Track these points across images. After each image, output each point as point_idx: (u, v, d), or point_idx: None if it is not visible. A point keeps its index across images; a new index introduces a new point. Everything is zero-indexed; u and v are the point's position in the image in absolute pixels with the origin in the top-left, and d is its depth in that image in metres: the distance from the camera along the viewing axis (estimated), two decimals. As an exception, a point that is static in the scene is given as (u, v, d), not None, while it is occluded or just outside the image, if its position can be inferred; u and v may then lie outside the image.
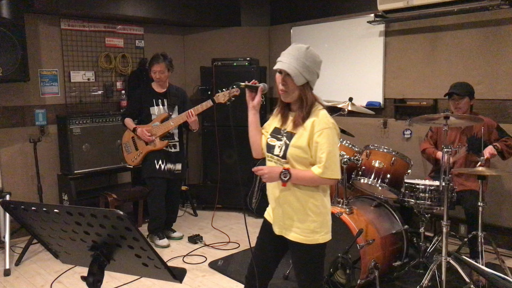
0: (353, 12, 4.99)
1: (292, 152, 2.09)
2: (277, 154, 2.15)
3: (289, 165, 2.11)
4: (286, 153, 2.11)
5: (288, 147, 2.10)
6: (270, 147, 2.20)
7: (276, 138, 2.18)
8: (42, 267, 3.85)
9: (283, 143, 2.14)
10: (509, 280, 1.36)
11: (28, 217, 1.54)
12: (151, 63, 4.16)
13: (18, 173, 4.60)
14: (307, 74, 2.06)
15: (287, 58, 2.05)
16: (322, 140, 2.04)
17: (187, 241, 4.41)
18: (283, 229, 2.21)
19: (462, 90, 3.62)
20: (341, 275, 3.04)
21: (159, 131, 4.13)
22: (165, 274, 1.50)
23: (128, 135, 4.27)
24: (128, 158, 4.27)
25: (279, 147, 2.14)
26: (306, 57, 2.05)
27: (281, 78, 2.09)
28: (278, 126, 2.21)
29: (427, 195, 3.32)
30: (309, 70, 2.06)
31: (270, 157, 2.21)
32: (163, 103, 4.23)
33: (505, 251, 4.02)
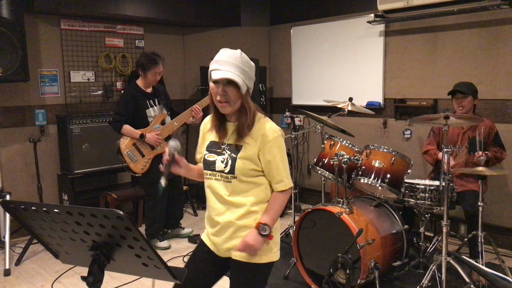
0: (353, 12, 4.99)
1: (241, 165, 1.91)
2: (221, 169, 1.94)
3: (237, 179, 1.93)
4: (234, 167, 1.91)
5: (236, 160, 1.91)
6: (209, 163, 1.98)
7: (215, 152, 1.98)
8: (42, 267, 3.85)
9: (227, 157, 1.94)
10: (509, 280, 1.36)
11: (28, 217, 1.54)
12: (151, 66, 3.98)
13: (18, 173, 4.60)
14: (248, 81, 1.90)
15: (226, 66, 1.85)
16: (274, 152, 1.92)
17: (187, 241, 4.41)
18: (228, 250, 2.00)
19: (465, 88, 3.63)
20: (341, 275, 3.04)
21: (165, 133, 4.06)
22: (165, 274, 1.50)
23: (128, 143, 3.99)
24: (135, 168, 4.00)
25: (222, 162, 1.94)
26: (243, 63, 1.88)
27: (221, 89, 1.87)
28: (214, 140, 2.01)
29: (427, 195, 3.32)
30: (248, 76, 1.90)
31: (210, 174, 1.99)
32: (155, 104, 4.13)
33: (505, 251, 4.01)
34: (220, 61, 1.88)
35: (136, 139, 3.99)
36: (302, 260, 3.40)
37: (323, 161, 3.70)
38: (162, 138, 4.03)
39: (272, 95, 6.03)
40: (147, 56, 4.07)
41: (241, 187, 1.95)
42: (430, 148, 3.91)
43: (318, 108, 4.97)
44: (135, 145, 4.02)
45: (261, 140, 1.92)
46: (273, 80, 6.01)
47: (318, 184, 5.19)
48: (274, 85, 6.03)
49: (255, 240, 1.90)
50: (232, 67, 1.85)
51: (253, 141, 1.93)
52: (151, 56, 4.04)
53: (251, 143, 1.93)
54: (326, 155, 3.70)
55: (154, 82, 4.10)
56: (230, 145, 1.97)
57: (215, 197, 2.00)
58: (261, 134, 1.93)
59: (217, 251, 2.04)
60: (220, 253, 2.03)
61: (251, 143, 1.93)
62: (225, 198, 1.96)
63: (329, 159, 3.61)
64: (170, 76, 5.66)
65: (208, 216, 2.06)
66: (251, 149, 1.93)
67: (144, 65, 4.01)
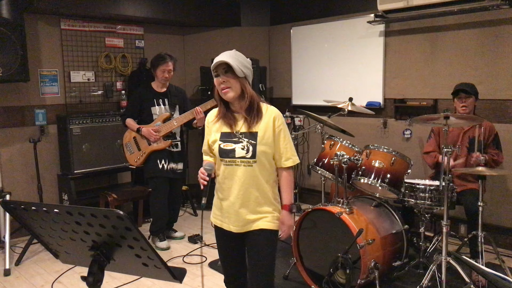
0: (353, 12, 4.99)
1: (262, 149, 2.19)
2: (242, 155, 2.19)
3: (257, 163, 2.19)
4: (255, 152, 2.18)
5: (257, 146, 2.18)
6: (228, 152, 2.21)
7: (232, 141, 2.21)
8: (42, 267, 3.85)
9: (246, 143, 2.19)
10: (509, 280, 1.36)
11: (28, 217, 1.54)
12: (159, 63, 4.10)
13: (18, 173, 4.60)
14: (243, 68, 2.18)
15: (221, 57, 2.16)
16: (286, 132, 2.26)
17: (187, 241, 4.41)
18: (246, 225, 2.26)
19: (469, 89, 3.64)
20: (341, 275, 3.04)
21: (163, 131, 4.12)
22: (165, 274, 1.50)
23: (129, 135, 4.23)
24: (130, 159, 4.23)
25: (243, 148, 2.19)
26: (238, 55, 2.20)
27: (221, 78, 2.17)
28: (227, 131, 2.24)
29: (427, 195, 3.32)
30: (243, 64, 2.18)
31: (229, 161, 2.22)
32: (164, 103, 4.21)
33: (505, 251, 4.02)
34: (217, 57, 2.19)
35: (135, 132, 4.17)
36: (302, 260, 3.40)
37: (323, 161, 3.70)
38: (158, 135, 4.10)
39: (272, 95, 6.03)
40: (158, 55, 4.21)
41: (259, 168, 2.21)
42: (431, 150, 3.90)
43: (318, 108, 4.97)
44: (135, 138, 4.21)
45: (272, 125, 2.22)
46: (273, 80, 6.01)
47: (318, 184, 5.19)
48: (274, 85, 6.03)
49: (290, 220, 2.30)
50: (226, 57, 2.16)
51: (266, 126, 2.21)
52: (162, 54, 4.17)
53: (264, 129, 2.21)
54: (326, 155, 3.70)
55: (163, 79, 4.17)
56: (244, 133, 2.21)
57: (234, 180, 2.23)
58: (271, 119, 2.22)
59: (235, 229, 2.28)
60: (242, 230, 2.27)
61: (264, 129, 2.21)
62: (247, 180, 2.21)
63: (329, 159, 3.61)
64: (170, 76, 5.66)
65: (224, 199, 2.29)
66: (267, 134, 2.20)
67: (153, 63, 4.17)
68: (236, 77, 2.16)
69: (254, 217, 2.25)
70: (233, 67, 2.13)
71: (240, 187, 2.22)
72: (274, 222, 2.27)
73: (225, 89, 2.16)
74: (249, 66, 2.23)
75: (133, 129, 4.17)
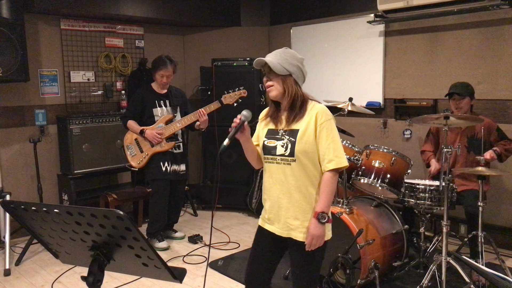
0: (353, 12, 4.99)
1: (301, 147, 2.09)
2: (281, 153, 2.13)
3: (296, 163, 2.10)
4: (293, 150, 2.10)
5: (295, 144, 2.10)
6: (270, 149, 2.18)
7: (275, 138, 2.18)
8: (42, 267, 3.85)
9: (287, 141, 2.13)
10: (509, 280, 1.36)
11: (28, 217, 1.54)
12: (158, 67, 4.06)
13: (18, 173, 4.60)
14: (287, 65, 2.13)
15: (267, 57, 2.16)
16: (329, 130, 2.11)
17: (187, 241, 4.41)
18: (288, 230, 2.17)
19: (463, 90, 3.62)
20: (341, 275, 3.04)
21: (166, 133, 4.10)
22: (165, 274, 1.50)
23: (130, 137, 4.17)
24: (133, 161, 4.15)
25: (283, 146, 2.14)
26: (285, 52, 2.17)
27: (266, 77, 2.17)
28: (272, 128, 2.22)
29: (427, 195, 3.32)
30: (288, 61, 2.14)
31: (271, 159, 2.18)
32: (165, 104, 4.20)
33: (505, 251, 4.01)
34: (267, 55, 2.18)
35: (138, 134, 4.12)
36: (302, 260, 3.40)
37: (323, 161, 3.70)
38: (162, 137, 4.07)
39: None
40: (160, 57, 4.15)
41: (299, 169, 2.11)
42: (426, 149, 3.92)
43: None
44: (137, 140, 4.16)
45: (314, 122, 2.12)
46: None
47: (318, 184, 5.18)
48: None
49: (318, 230, 2.06)
50: (268, 55, 2.17)
51: (307, 124, 2.12)
52: (163, 58, 4.11)
53: (306, 126, 2.12)
54: (326, 155, 3.69)
55: (161, 84, 4.15)
56: (286, 130, 2.16)
57: (275, 178, 2.17)
58: (314, 117, 2.13)
59: (277, 231, 2.19)
60: (282, 233, 2.18)
61: (306, 126, 2.12)
62: (288, 179, 2.13)
63: (329, 159, 3.60)
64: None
65: (267, 199, 2.23)
66: (308, 132, 2.11)
67: (153, 66, 4.14)
68: (278, 76, 2.13)
69: (297, 223, 2.13)
70: (271, 66, 2.11)
71: (280, 187, 2.15)
72: None
73: (268, 88, 2.17)
74: (298, 63, 2.18)
75: (135, 131, 4.11)
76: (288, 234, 2.16)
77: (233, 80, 4.29)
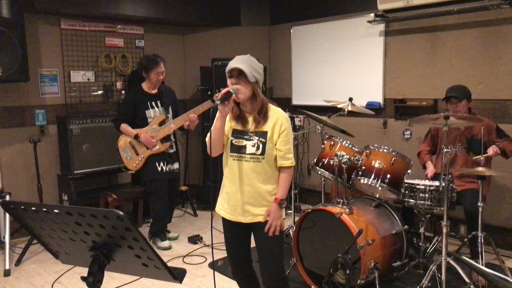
0: (353, 12, 4.99)
1: (270, 147, 2.40)
2: (252, 152, 2.40)
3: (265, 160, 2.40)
4: (265, 149, 2.39)
5: (266, 145, 2.39)
6: (239, 148, 2.43)
7: (243, 138, 2.43)
8: (42, 267, 3.85)
9: (257, 142, 2.40)
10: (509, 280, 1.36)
11: (28, 217, 1.54)
12: (153, 66, 4.08)
13: (18, 173, 4.60)
14: (256, 73, 2.36)
15: (235, 63, 2.34)
16: (289, 135, 2.42)
17: (187, 241, 4.41)
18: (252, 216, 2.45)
19: (459, 93, 3.60)
20: (341, 275, 3.03)
21: (161, 134, 4.12)
22: (165, 275, 1.50)
23: (124, 140, 4.16)
24: (129, 164, 4.15)
25: (254, 146, 2.40)
26: (250, 60, 2.38)
27: (234, 79, 2.35)
28: (239, 128, 2.44)
29: (427, 195, 3.32)
30: (255, 70, 2.37)
31: (238, 157, 2.43)
32: (157, 105, 4.20)
33: (505, 251, 4.01)
34: (231, 61, 2.38)
35: (132, 139, 4.13)
36: (302, 261, 3.40)
37: (323, 161, 3.70)
38: (156, 140, 4.09)
39: (272, 95, 6.03)
40: (148, 57, 4.19)
41: (266, 165, 2.42)
42: (422, 150, 3.91)
43: (318, 108, 4.97)
44: (131, 144, 4.16)
45: (279, 126, 2.40)
46: (273, 80, 6.01)
47: (318, 184, 5.18)
48: (274, 85, 6.03)
49: (278, 212, 2.42)
50: (239, 61, 2.35)
51: (273, 126, 2.40)
52: (152, 57, 4.15)
53: (272, 128, 2.40)
54: (326, 155, 3.70)
55: (157, 82, 4.17)
56: (256, 132, 2.41)
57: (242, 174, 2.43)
58: (278, 120, 2.41)
59: (243, 219, 2.46)
60: (246, 220, 2.46)
61: (272, 128, 2.40)
62: (254, 174, 2.41)
63: (329, 160, 3.61)
64: (170, 76, 5.65)
65: (230, 192, 2.48)
66: (274, 134, 2.40)
67: (146, 67, 4.12)
68: (248, 82, 2.33)
69: (261, 209, 2.44)
70: (245, 74, 2.31)
71: (248, 181, 2.42)
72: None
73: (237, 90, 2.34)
74: (261, 71, 2.41)
75: (129, 135, 4.11)
76: (251, 219, 2.45)
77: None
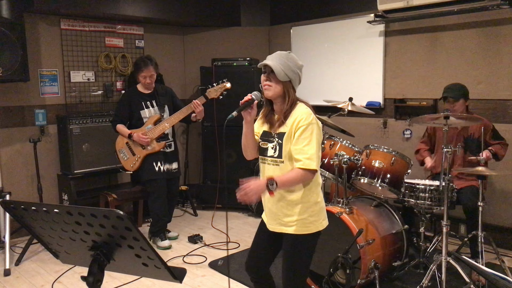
0: (353, 12, 4.99)
1: (286, 149, 2.23)
2: (271, 155, 2.28)
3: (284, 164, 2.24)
4: (281, 152, 2.24)
5: (282, 146, 2.24)
6: (263, 150, 2.33)
7: (268, 141, 2.31)
8: (42, 267, 3.85)
9: (276, 143, 2.27)
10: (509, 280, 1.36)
11: (28, 217, 1.54)
12: (140, 69, 4.10)
13: (18, 173, 4.60)
14: (289, 72, 2.22)
15: (270, 59, 2.24)
16: (304, 133, 2.17)
17: (187, 241, 4.41)
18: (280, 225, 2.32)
19: (456, 93, 3.60)
20: (341, 275, 3.04)
21: (155, 134, 4.13)
22: (165, 274, 1.50)
23: (121, 141, 4.21)
24: (126, 165, 4.20)
25: (273, 148, 2.28)
26: (288, 58, 2.25)
27: (265, 76, 2.25)
28: (267, 130, 2.34)
29: (427, 195, 3.32)
30: (290, 68, 2.23)
31: (263, 159, 2.35)
32: (152, 105, 4.22)
33: (505, 251, 4.01)
34: (269, 56, 2.27)
35: (127, 138, 4.16)
36: (302, 260, 3.40)
37: (323, 161, 3.70)
38: (149, 138, 4.10)
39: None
40: (140, 58, 4.22)
41: (287, 169, 2.23)
42: (421, 148, 3.92)
43: (318, 108, 4.93)
44: (128, 144, 4.19)
45: (296, 123, 2.20)
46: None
47: (318, 184, 5.18)
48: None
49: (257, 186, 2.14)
50: (274, 59, 2.23)
51: (291, 126, 2.22)
52: (142, 59, 4.16)
53: (290, 128, 2.22)
54: (326, 155, 3.70)
55: (145, 84, 4.18)
56: (277, 133, 2.28)
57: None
58: (297, 118, 2.21)
59: (271, 228, 2.37)
60: (275, 229, 2.35)
61: (290, 128, 2.22)
62: None
63: (329, 159, 3.61)
64: (170, 76, 5.66)
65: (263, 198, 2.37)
66: (291, 134, 2.21)
67: (135, 68, 4.19)
68: (279, 80, 2.21)
69: (287, 219, 2.29)
70: (275, 72, 2.19)
71: None
72: (306, 227, 2.28)
73: (266, 86, 2.24)
74: (298, 70, 2.27)
75: (124, 135, 4.15)
76: (280, 229, 2.32)
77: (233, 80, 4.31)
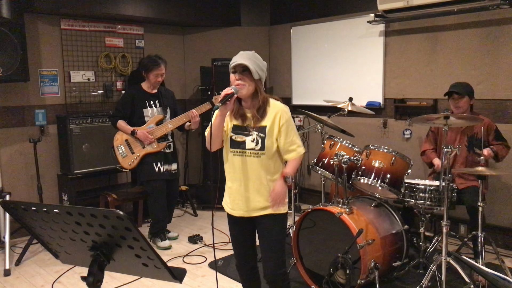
0: (353, 12, 4.99)
1: (269, 142, 2.41)
2: (252, 147, 2.42)
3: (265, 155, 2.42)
4: (263, 144, 2.41)
5: (265, 140, 2.40)
6: (239, 144, 2.45)
7: (243, 134, 2.44)
8: (42, 267, 3.85)
9: (256, 137, 2.42)
10: (509, 280, 1.36)
11: (28, 217, 1.54)
12: (152, 68, 4.09)
13: (18, 173, 4.60)
14: (260, 70, 2.38)
15: (241, 59, 2.36)
16: (289, 127, 2.43)
17: (187, 241, 4.41)
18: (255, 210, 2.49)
19: (461, 89, 3.62)
20: (341, 275, 3.03)
21: (158, 133, 4.12)
22: (165, 274, 1.50)
23: (120, 138, 4.16)
24: (124, 162, 4.14)
25: (253, 141, 2.42)
26: (256, 58, 2.40)
27: (238, 75, 2.37)
28: (239, 124, 2.46)
29: (427, 195, 3.32)
30: (259, 67, 2.39)
31: (240, 152, 2.46)
32: (155, 104, 4.21)
33: (505, 251, 4.02)
34: (236, 56, 2.40)
35: (129, 135, 4.13)
36: (302, 260, 3.40)
37: (323, 161, 3.70)
38: (153, 137, 4.09)
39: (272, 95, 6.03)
40: (149, 58, 4.20)
41: (267, 160, 2.44)
42: (427, 148, 3.92)
43: (318, 108, 4.97)
44: (127, 141, 4.17)
45: (278, 119, 2.41)
46: (273, 80, 6.01)
47: (318, 184, 5.19)
48: (274, 85, 6.03)
49: (282, 188, 2.46)
50: (244, 57, 2.36)
51: (272, 121, 2.41)
52: (154, 58, 4.16)
53: (271, 123, 2.41)
54: (326, 155, 3.70)
55: (156, 83, 4.19)
56: (255, 127, 2.42)
57: (245, 168, 2.45)
58: (277, 114, 2.42)
59: (247, 213, 2.50)
60: (250, 214, 2.50)
61: (271, 123, 2.41)
62: (255, 169, 2.44)
63: (329, 159, 3.61)
64: (170, 76, 5.65)
65: (232, 187, 2.52)
66: (274, 128, 2.41)
67: (146, 67, 4.15)
68: (252, 79, 2.35)
69: (263, 204, 2.46)
70: (250, 70, 2.32)
71: (250, 176, 2.45)
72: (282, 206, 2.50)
73: (240, 86, 2.36)
74: (264, 69, 2.43)
75: (126, 132, 4.12)
76: (256, 213, 2.49)
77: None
